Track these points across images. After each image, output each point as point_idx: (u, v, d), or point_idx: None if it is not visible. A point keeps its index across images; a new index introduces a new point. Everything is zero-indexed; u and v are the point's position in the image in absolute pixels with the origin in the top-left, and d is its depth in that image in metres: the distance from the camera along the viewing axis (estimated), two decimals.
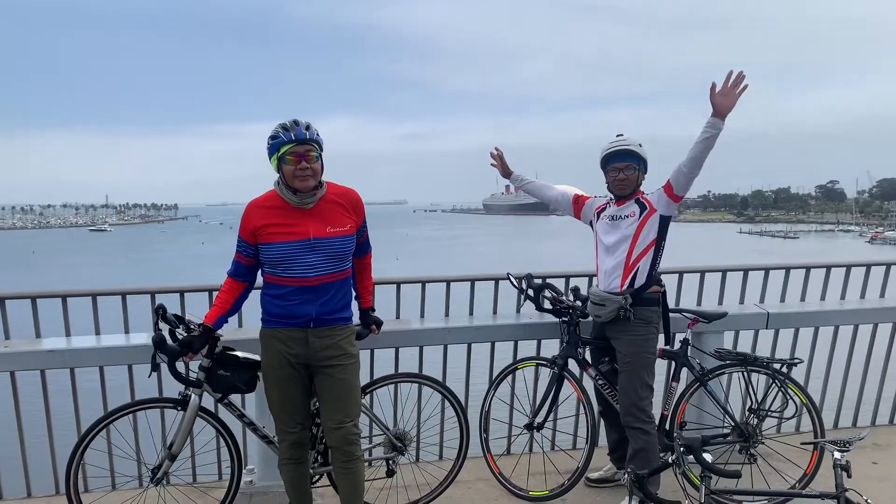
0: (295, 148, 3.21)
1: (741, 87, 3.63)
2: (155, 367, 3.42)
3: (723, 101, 3.63)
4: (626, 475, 2.95)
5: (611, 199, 4.10)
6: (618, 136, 4.01)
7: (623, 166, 3.94)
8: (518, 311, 4.70)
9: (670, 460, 2.91)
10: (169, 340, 3.41)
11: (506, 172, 4.51)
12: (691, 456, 2.82)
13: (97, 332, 4.24)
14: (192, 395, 3.50)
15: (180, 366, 3.46)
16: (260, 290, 3.49)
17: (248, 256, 3.38)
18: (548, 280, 4.43)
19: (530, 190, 4.50)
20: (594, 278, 4.32)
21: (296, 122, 3.25)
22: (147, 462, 3.68)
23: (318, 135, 3.28)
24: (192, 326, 3.42)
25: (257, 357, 3.55)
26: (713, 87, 3.62)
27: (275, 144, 3.25)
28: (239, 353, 3.56)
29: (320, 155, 3.29)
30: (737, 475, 2.87)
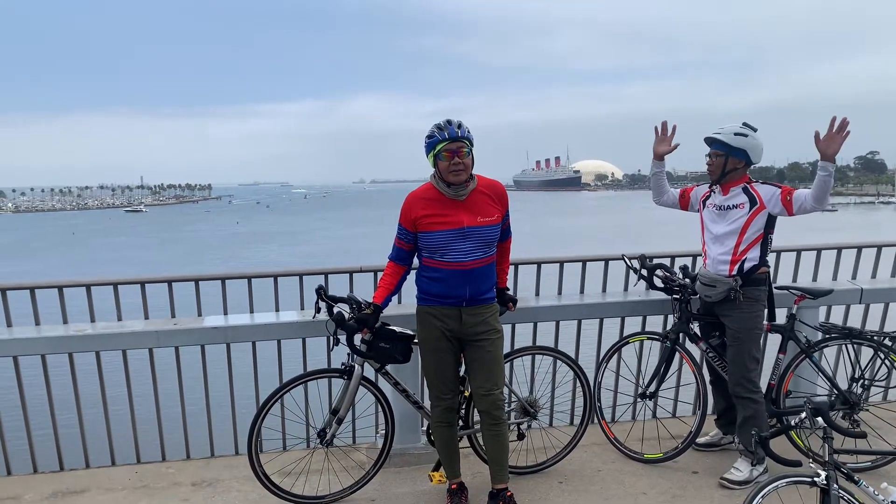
0: (448, 145, 3.56)
1: (845, 132, 3.86)
2: (336, 342, 3.83)
3: (828, 148, 3.87)
4: (752, 436, 3.25)
5: (715, 187, 4.36)
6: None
7: (710, 153, 4.25)
8: (626, 289, 5.05)
9: (793, 422, 3.21)
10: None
11: (662, 154, 4.52)
12: (818, 418, 3.12)
13: (251, 311, 4.68)
14: (356, 366, 3.90)
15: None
16: (414, 272, 3.88)
17: (408, 243, 3.76)
18: (655, 260, 4.75)
19: (658, 180, 4.62)
20: (699, 258, 4.62)
21: (449, 122, 3.60)
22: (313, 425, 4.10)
23: (468, 132, 3.62)
24: (362, 305, 3.81)
25: (410, 331, 3.94)
26: (817, 134, 3.88)
27: (431, 143, 3.60)
28: (395, 328, 3.96)
29: (471, 150, 3.65)
30: (862, 435, 3.20)
